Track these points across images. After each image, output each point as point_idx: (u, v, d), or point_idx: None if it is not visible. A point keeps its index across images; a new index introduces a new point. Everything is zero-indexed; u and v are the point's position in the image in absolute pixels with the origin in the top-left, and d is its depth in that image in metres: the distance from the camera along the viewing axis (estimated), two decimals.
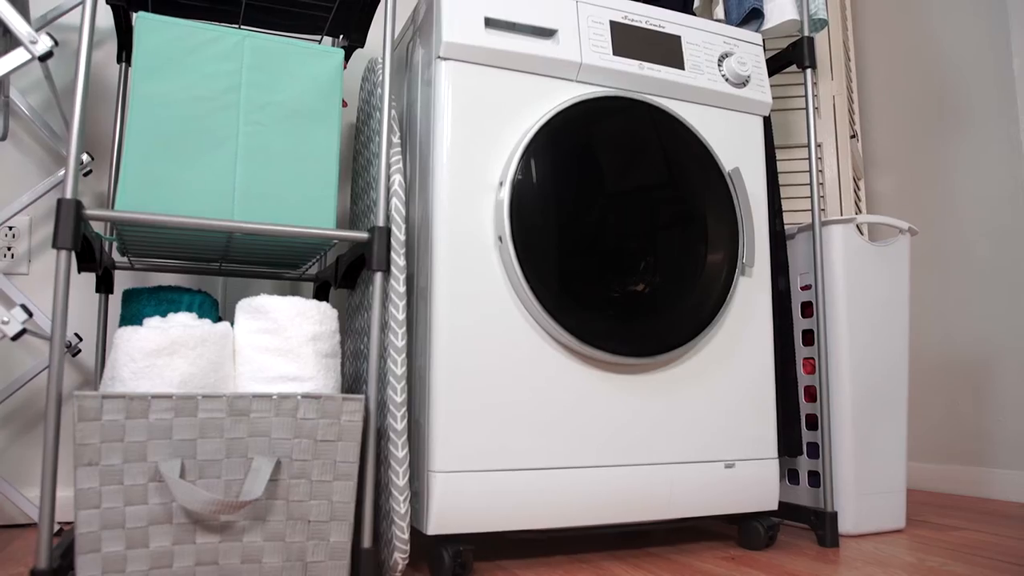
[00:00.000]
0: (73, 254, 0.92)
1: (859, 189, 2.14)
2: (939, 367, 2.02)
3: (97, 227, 1.48)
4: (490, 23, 1.18)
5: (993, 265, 1.91)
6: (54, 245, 0.91)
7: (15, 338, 0.90)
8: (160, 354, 0.93)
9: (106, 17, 1.60)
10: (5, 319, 0.89)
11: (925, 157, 2.11)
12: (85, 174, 1.51)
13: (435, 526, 1.06)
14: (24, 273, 1.50)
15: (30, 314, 0.91)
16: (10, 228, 1.50)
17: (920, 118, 2.13)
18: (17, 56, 0.94)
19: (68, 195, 0.92)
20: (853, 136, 2.04)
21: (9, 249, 1.49)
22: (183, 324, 0.96)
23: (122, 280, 1.53)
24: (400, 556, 1.02)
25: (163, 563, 0.90)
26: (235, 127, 1.06)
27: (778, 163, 1.88)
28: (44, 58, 0.94)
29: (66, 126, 1.46)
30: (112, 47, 1.59)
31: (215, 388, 0.97)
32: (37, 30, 1.25)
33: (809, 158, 1.42)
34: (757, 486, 1.28)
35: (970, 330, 1.95)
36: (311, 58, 1.12)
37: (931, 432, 2.03)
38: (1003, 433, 1.85)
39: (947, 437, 1.98)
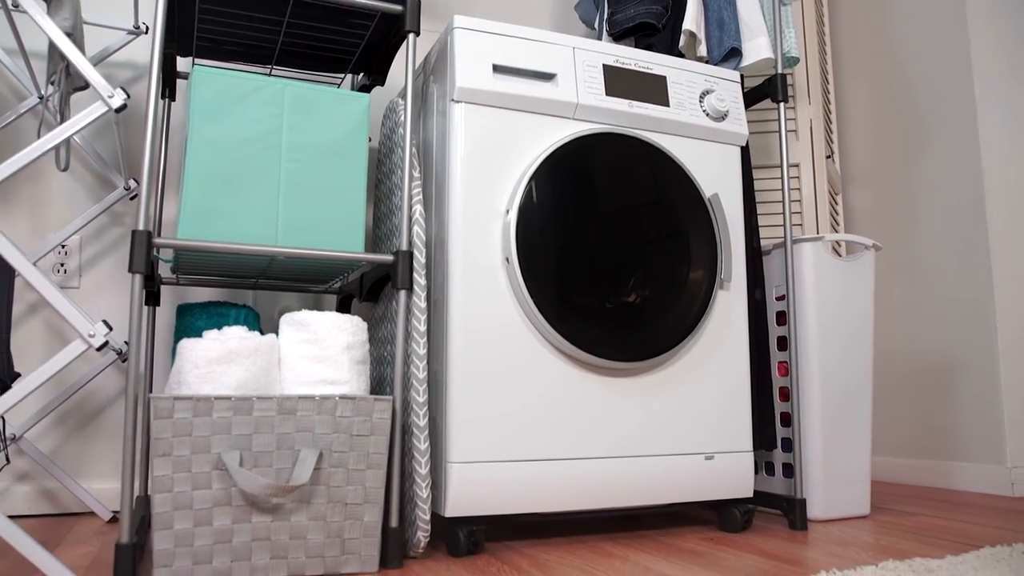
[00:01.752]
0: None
1: (836, 204, 2.31)
2: (908, 369, 2.19)
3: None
4: (497, 69, 1.34)
5: (957, 275, 2.08)
6: (130, 270, 1.08)
7: (99, 349, 1.07)
8: (220, 362, 1.10)
9: (147, 52, 1.76)
10: (91, 332, 1.06)
11: (897, 175, 2.28)
12: (131, 198, 1.67)
13: (452, 509, 1.22)
14: (76, 287, 1.66)
15: (110, 328, 1.07)
16: (62, 246, 1.66)
17: (893, 138, 2.30)
18: (95, 109, 1.10)
19: (140, 227, 1.09)
20: (829, 156, 2.20)
21: (62, 265, 1.66)
22: (238, 336, 1.12)
23: (164, 293, 1.69)
24: (422, 535, 1.18)
25: (224, 539, 1.06)
26: (278, 164, 1.23)
27: (759, 181, 2.04)
28: (119, 110, 1.10)
29: (120, 156, 1.62)
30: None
31: (266, 391, 1.13)
32: (96, 64, 1.41)
33: (782, 184, 1.59)
34: (734, 476, 1.45)
35: (936, 336, 2.12)
36: (342, 102, 1.28)
37: (900, 429, 2.20)
38: (966, 430, 2.02)
39: (915, 434, 2.15)
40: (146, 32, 1.68)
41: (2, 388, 1.18)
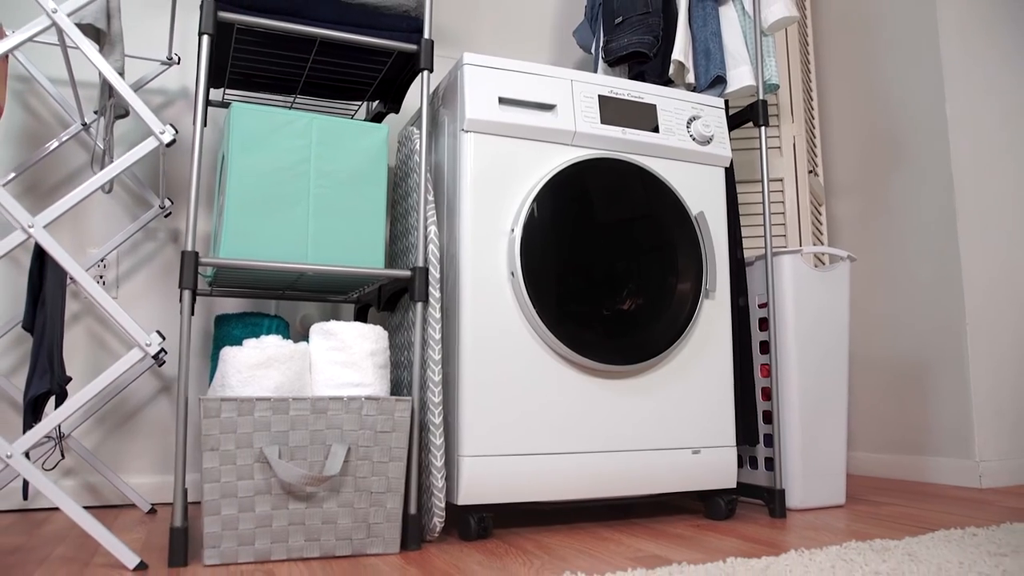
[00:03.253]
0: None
1: (820, 215, 2.45)
2: (886, 369, 2.33)
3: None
4: (503, 101, 1.49)
5: (931, 282, 2.22)
6: (180, 286, 1.22)
7: (155, 356, 1.21)
8: (259, 367, 1.24)
9: (178, 80, 1.90)
10: (148, 342, 1.20)
11: (877, 188, 2.42)
12: (166, 216, 1.82)
13: (464, 498, 1.36)
14: (114, 297, 1.80)
15: (164, 337, 1.21)
16: (102, 260, 1.80)
17: (873, 154, 2.44)
18: (148, 144, 1.24)
19: (189, 248, 1.23)
20: (811, 171, 2.35)
21: (101, 277, 1.80)
22: (275, 344, 1.27)
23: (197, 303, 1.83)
24: (438, 520, 1.33)
25: (265, 523, 1.20)
26: (307, 190, 1.37)
27: (746, 195, 2.19)
28: (169, 144, 1.25)
29: (161, 178, 1.77)
30: (184, 105, 1.90)
31: (299, 392, 1.27)
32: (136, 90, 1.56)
33: (763, 201, 1.73)
34: (719, 469, 1.59)
35: (912, 339, 2.27)
36: (364, 133, 1.43)
37: (879, 426, 2.34)
38: (938, 427, 2.16)
39: (892, 430, 2.30)
40: (178, 63, 1.83)
41: (59, 392, 1.32)
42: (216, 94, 1.79)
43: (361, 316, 1.82)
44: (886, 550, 1.21)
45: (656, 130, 1.61)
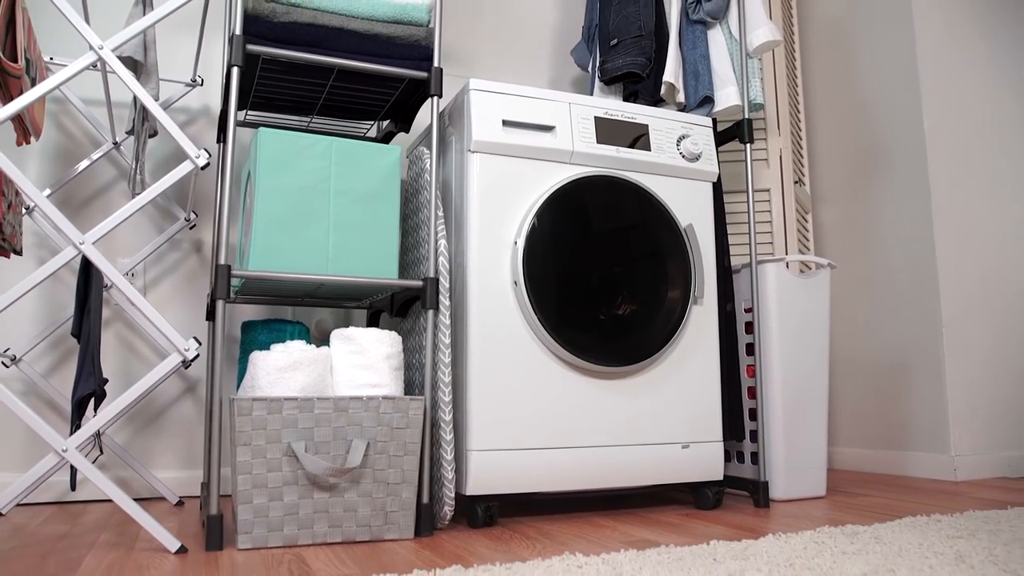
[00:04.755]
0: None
1: (806, 223, 2.58)
2: (867, 369, 2.46)
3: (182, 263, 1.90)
4: (506, 123, 1.61)
5: (910, 286, 2.35)
6: (214, 296, 1.35)
7: (191, 361, 1.33)
8: (286, 369, 1.36)
9: (199, 99, 2.03)
10: (186, 347, 1.32)
11: (859, 197, 2.55)
12: (191, 227, 1.94)
13: (472, 488, 1.49)
14: None
15: (200, 343, 1.33)
16: (130, 271, 1.92)
17: (856, 165, 2.57)
18: (185, 166, 1.36)
19: (222, 262, 1.35)
20: (797, 182, 2.47)
21: None
22: (301, 348, 1.39)
23: None
24: (448, 509, 1.45)
25: (292, 512, 1.33)
26: (327, 207, 1.50)
27: (734, 205, 2.31)
28: (204, 167, 1.37)
29: (191, 193, 1.89)
30: (206, 123, 2.02)
31: (322, 393, 1.40)
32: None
33: (748, 212, 1.86)
34: (707, 462, 1.72)
35: (892, 339, 2.39)
36: (378, 154, 1.55)
37: (860, 422, 2.47)
38: (917, 423, 2.29)
39: (873, 426, 2.43)
40: (201, 84, 1.95)
41: (99, 393, 1.45)
42: (239, 114, 1.91)
43: (373, 321, 1.94)
44: (855, 534, 1.34)
45: (648, 148, 1.73)
